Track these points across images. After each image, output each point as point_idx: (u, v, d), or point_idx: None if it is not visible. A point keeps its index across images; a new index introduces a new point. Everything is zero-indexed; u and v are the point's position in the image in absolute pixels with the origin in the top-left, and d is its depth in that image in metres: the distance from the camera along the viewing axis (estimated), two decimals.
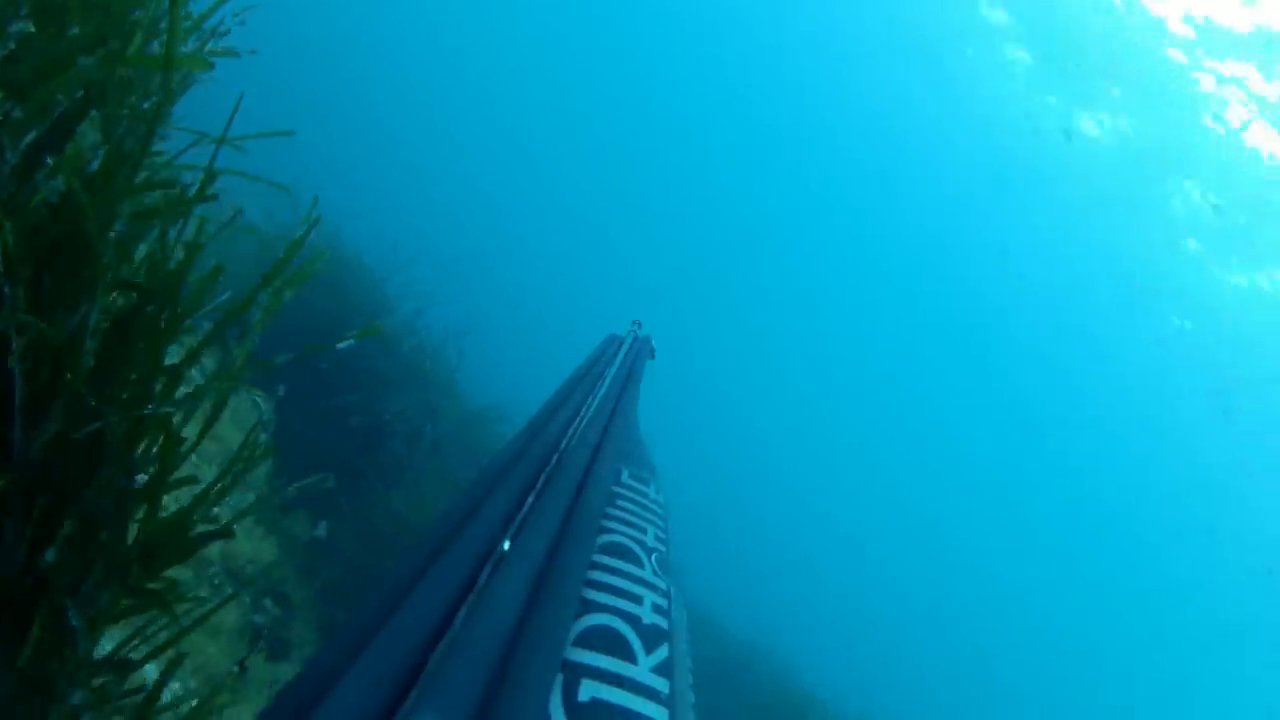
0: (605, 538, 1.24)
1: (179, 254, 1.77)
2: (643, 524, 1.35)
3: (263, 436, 1.86)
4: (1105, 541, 40.61)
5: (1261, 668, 36.41)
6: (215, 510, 2.08)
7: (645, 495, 1.48)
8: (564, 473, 1.24)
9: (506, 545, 0.97)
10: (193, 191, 1.78)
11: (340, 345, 1.80)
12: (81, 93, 1.71)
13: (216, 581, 3.92)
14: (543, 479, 1.21)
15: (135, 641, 1.88)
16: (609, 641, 1.00)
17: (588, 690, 0.90)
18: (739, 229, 45.58)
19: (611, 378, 1.89)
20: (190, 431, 1.93)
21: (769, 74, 38.36)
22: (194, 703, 1.85)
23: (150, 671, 2.11)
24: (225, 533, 1.97)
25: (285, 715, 0.66)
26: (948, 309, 40.53)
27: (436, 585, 0.86)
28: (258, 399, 1.88)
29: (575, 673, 0.92)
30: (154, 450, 1.80)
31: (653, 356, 2.34)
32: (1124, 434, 37.13)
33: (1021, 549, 42.29)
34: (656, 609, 1.11)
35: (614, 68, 41.45)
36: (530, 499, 1.13)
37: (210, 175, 1.81)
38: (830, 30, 33.75)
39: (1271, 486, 32.21)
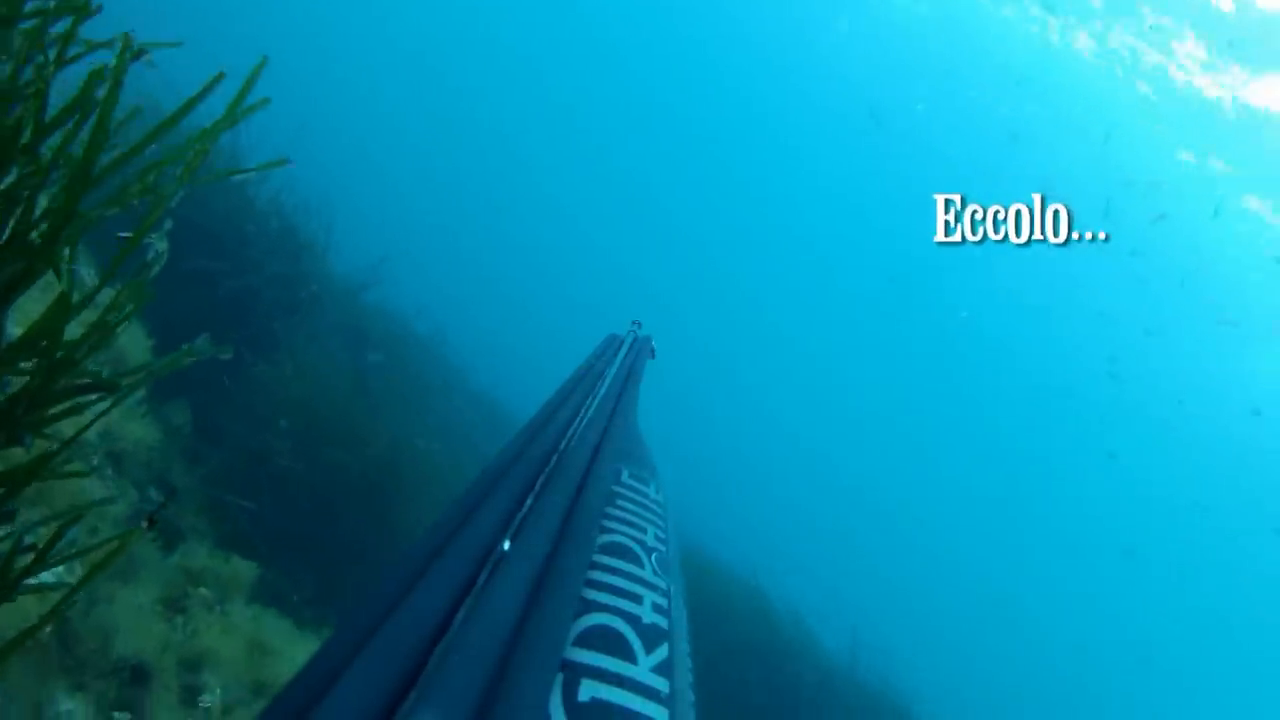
0: (605, 537, 1.25)
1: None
2: (643, 524, 1.36)
3: (156, 269, 1.69)
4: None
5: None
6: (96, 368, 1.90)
7: (645, 495, 1.49)
8: (564, 473, 1.24)
9: (506, 545, 0.97)
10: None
11: (237, 177, 1.62)
12: None
13: (96, 463, 3.65)
14: (542, 479, 1.20)
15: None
16: (609, 641, 1.00)
17: (588, 690, 0.91)
18: (736, 219, 44.84)
19: (611, 378, 1.89)
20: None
21: (765, 66, 37.89)
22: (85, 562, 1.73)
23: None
24: (110, 385, 1.80)
25: (284, 716, 0.65)
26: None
27: (436, 585, 0.85)
28: (152, 238, 1.70)
29: (575, 672, 0.93)
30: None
31: (653, 356, 2.33)
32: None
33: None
34: (656, 609, 1.12)
35: (602, 59, 40.72)
36: (530, 499, 1.13)
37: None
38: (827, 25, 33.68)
39: None
